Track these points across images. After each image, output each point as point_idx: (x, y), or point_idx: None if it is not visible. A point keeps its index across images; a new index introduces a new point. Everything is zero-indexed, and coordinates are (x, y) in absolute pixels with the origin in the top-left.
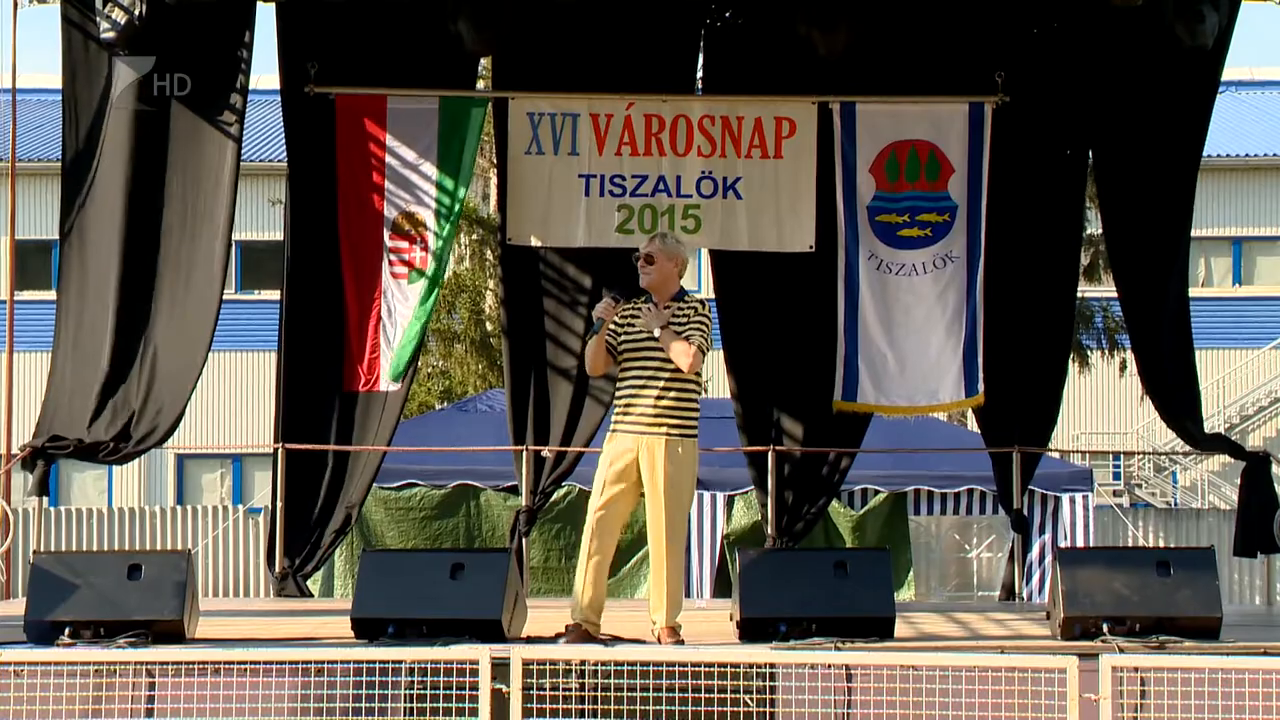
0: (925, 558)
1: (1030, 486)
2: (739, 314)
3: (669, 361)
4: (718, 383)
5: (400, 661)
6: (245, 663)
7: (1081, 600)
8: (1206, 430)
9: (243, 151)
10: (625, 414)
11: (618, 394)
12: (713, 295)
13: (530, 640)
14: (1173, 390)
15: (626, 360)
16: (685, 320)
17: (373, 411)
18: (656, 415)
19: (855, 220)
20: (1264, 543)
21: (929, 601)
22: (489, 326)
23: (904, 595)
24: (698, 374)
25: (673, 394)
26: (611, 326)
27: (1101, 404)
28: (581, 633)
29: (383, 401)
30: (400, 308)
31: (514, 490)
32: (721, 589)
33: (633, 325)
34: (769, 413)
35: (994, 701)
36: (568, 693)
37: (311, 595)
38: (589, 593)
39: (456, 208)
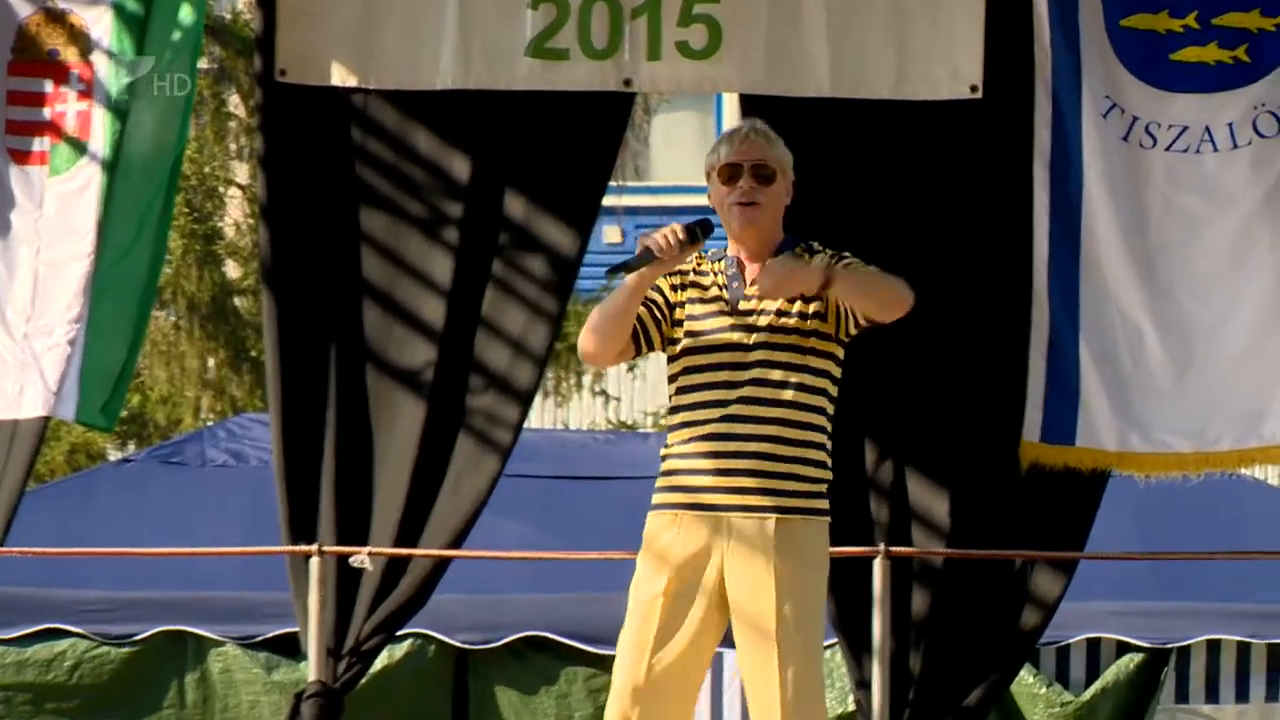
0: None
1: None
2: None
3: (794, 376)
4: None
5: None
6: None
7: None
8: None
9: None
10: (694, 475)
11: (670, 431)
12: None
13: None
14: None
15: (691, 371)
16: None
17: None
18: (766, 476)
19: (1075, 30)
20: None
21: None
22: (232, 273)
23: None
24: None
25: (800, 432)
26: (661, 291)
27: None
28: None
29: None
30: (28, 231)
31: (284, 646)
32: None
33: (703, 303)
34: (874, 474)
35: None
36: None
37: None
38: None
39: (174, 9)
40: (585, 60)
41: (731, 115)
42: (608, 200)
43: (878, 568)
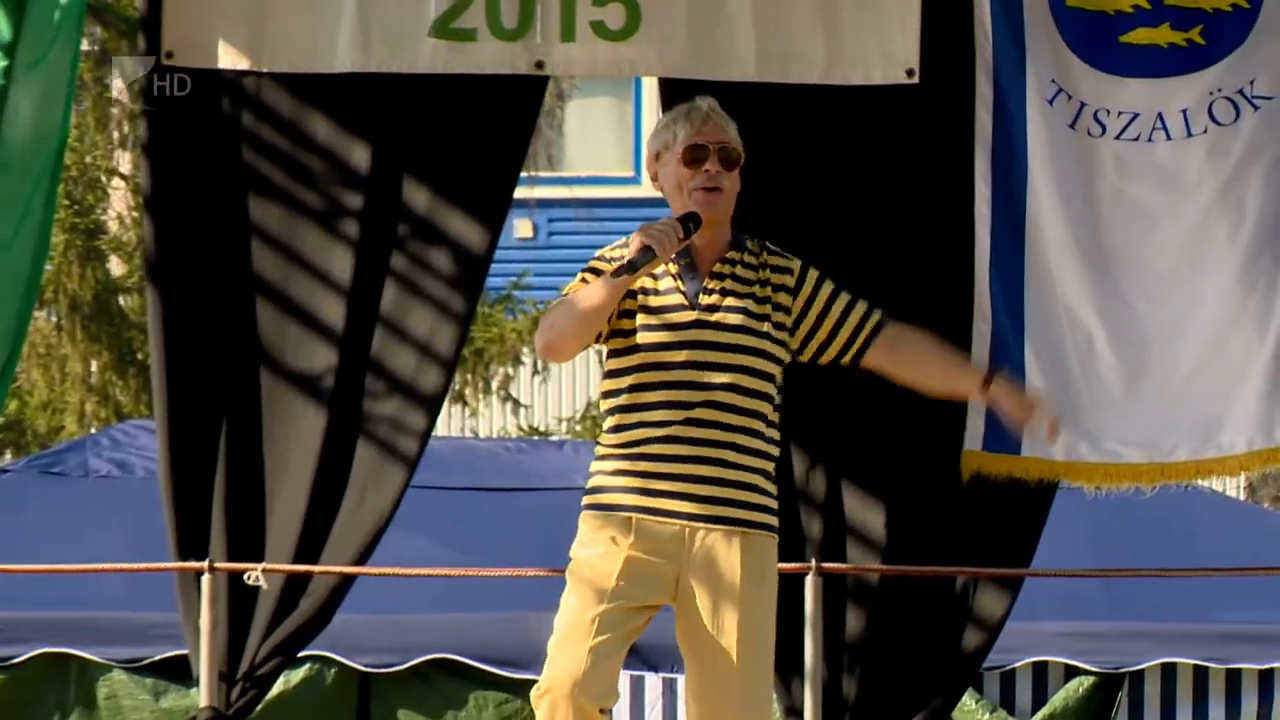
0: None
1: None
2: None
3: (756, 382)
4: None
5: None
6: None
7: None
8: None
9: None
10: (653, 479)
11: (614, 431)
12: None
13: None
14: None
15: (650, 368)
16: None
17: None
18: (733, 486)
19: (1018, 10)
20: None
21: None
22: (116, 270)
23: None
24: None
25: (759, 443)
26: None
27: None
28: None
29: None
30: None
31: (174, 669)
32: None
33: (656, 291)
34: (805, 485)
35: None
36: None
37: None
38: None
39: None
40: (494, 41)
41: (651, 101)
42: (519, 192)
43: (809, 585)
